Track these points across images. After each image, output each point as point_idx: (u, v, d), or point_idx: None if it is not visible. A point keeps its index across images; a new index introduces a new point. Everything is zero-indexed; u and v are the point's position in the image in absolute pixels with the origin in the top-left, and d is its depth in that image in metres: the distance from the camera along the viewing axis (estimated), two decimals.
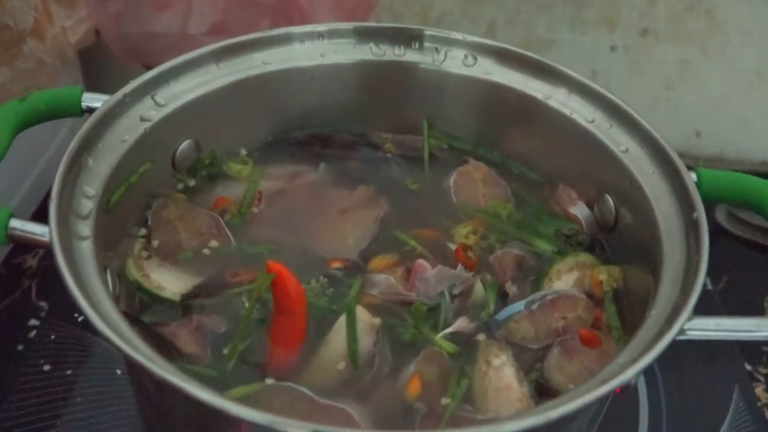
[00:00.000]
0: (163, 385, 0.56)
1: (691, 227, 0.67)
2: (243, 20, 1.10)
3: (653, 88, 1.20)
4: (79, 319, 0.89)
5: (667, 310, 0.62)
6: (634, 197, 0.74)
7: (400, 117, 0.87)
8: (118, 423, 0.81)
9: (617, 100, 0.77)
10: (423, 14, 1.21)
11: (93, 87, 1.06)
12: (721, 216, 1.12)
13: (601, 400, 0.63)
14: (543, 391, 0.67)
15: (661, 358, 0.74)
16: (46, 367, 0.85)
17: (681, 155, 0.72)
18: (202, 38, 1.08)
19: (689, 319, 0.61)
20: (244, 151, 0.84)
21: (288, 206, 0.80)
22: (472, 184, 0.83)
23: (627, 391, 0.62)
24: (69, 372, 0.85)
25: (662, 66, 1.21)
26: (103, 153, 0.70)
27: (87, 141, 0.69)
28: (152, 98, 0.75)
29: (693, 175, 0.72)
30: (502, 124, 0.84)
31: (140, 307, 0.70)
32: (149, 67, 1.13)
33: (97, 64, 1.15)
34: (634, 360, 0.57)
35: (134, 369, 0.67)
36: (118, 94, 0.73)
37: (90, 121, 0.70)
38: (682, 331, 0.61)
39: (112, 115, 0.72)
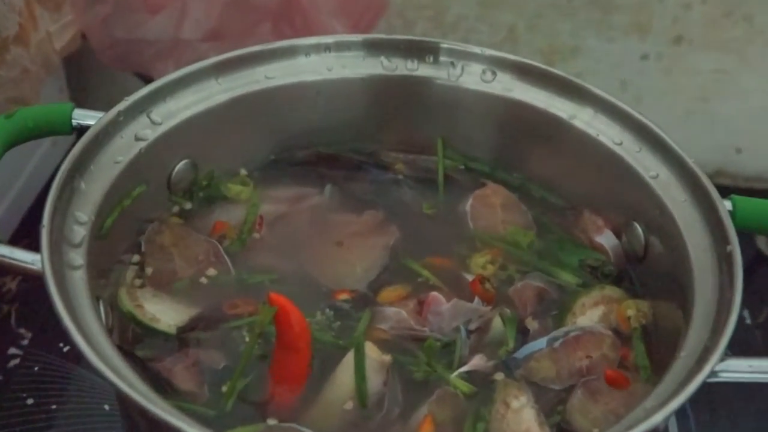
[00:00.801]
0: (159, 426, 0.59)
1: (724, 261, 0.70)
2: (241, 25, 1.13)
3: (688, 100, 1.23)
4: (65, 350, 0.93)
5: (698, 351, 0.64)
6: (664, 226, 0.76)
7: (413, 136, 0.90)
8: None
9: (647, 122, 0.80)
10: (437, 19, 1.24)
11: (78, 97, 1.10)
12: (762, 243, 1.15)
13: None
14: None
15: (695, 399, 0.77)
16: (29, 401, 0.88)
17: (719, 174, 0.75)
18: (197, 44, 1.12)
19: (721, 360, 0.63)
20: (244, 172, 0.87)
21: (291, 232, 0.83)
22: (491, 209, 0.86)
23: None
24: (54, 406, 0.89)
25: (697, 76, 1.24)
26: (96, 175, 0.73)
27: (79, 162, 0.72)
28: (148, 116, 0.78)
29: (728, 204, 0.75)
30: (523, 144, 0.87)
31: (133, 339, 0.73)
32: (139, 75, 1.17)
33: (84, 73, 1.19)
34: (662, 404, 0.60)
35: (127, 407, 0.70)
36: (112, 112, 0.76)
37: (82, 141, 0.73)
38: (713, 374, 0.63)
39: (105, 135, 0.75)
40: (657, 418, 0.59)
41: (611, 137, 0.81)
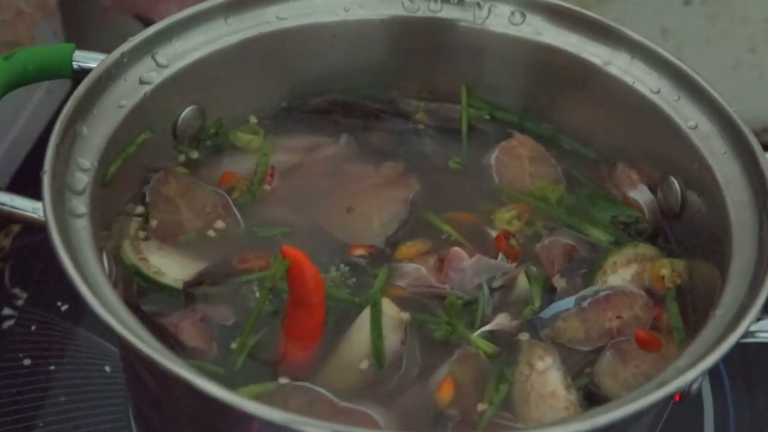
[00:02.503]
0: (168, 381, 0.62)
1: (765, 217, 0.72)
2: None
3: (735, 49, 1.23)
4: (63, 309, 0.96)
5: (734, 310, 0.67)
6: (703, 181, 0.79)
7: (435, 83, 0.92)
8: (106, 424, 0.88)
9: (687, 69, 0.82)
10: None
11: (74, 41, 1.12)
12: None
13: (657, 408, 0.68)
14: (593, 399, 0.72)
15: (731, 363, 0.79)
16: (26, 362, 0.92)
17: (766, 131, 0.76)
18: None
19: (757, 319, 0.66)
20: (254, 119, 0.89)
21: (304, 184, 0.86)
22: (517, 161, 0.88)
23: (687, 398, 0.68)
24: (52, 367, 0.92)
25: (745, 23, 1.23)
26: (99, 120, 0.76)
27: (81, 106, 0.74)
28: (153, 58, 0.80)
29: None
30: (553, 92, 0.89)
31: (138, 294, 0.76)
32: (139, 18, 1.19)
33: (80, 15, 1.21)
34: (694, 363, 0.63)
35: (133, 364, 0.73)
36: (116, 53, 0.78)
37: (85, 83, 0.75)
38: (748, 333, 0.66)
39: (108, 77, 0.77)
40: (689, 377, 0.61)
41: (648, 85, 0.83)
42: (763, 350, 0.69)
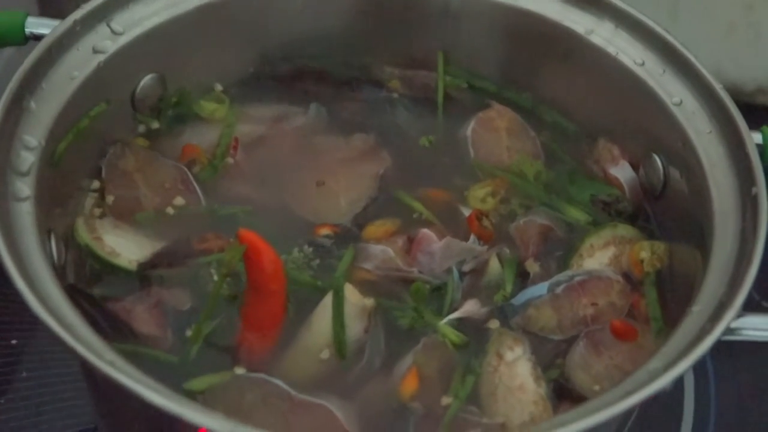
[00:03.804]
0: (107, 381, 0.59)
1: (749, 205, 0.68)
2: None
3: (730, 9, 1.19)
4: None
5: (712, 306, 0.64)
6: (686, 160, 0.75)
7: (410, 49, 0.88)
8: (69, 403, 0.85)
9: (673, 41, 0.78)
10: None
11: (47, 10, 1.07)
12: None
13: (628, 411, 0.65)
14: (563, 393, 0.69)
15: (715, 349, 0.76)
16: None
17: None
18: None
19: (737, 316, 0.63)
20: (219, 87, 0.85)
21: (269, 157, 0.82)
22: (495, 134, 0.84)
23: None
24: (14, 342, 0.89)
25: None
26: (48, 94, 0.72)
27: (29, 80, 0.70)
28: (108, 25, 0.76)
29: (757, 137, 0.73)
30: (534, 61, 0.85)
31: (91, 276, 0.73)
32: None
33: None
34: (668, 366, 0.60)
35: None
36: (67, 21, 0.74)
37: (32, 56, 0.71)
38: (730, 331, 0.63)
39: (59, 47, 0.73)
40: (660, 383, 0.58)
41: (632, 57, 0.80)
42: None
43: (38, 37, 0.76)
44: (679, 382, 0.87)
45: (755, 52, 1.20)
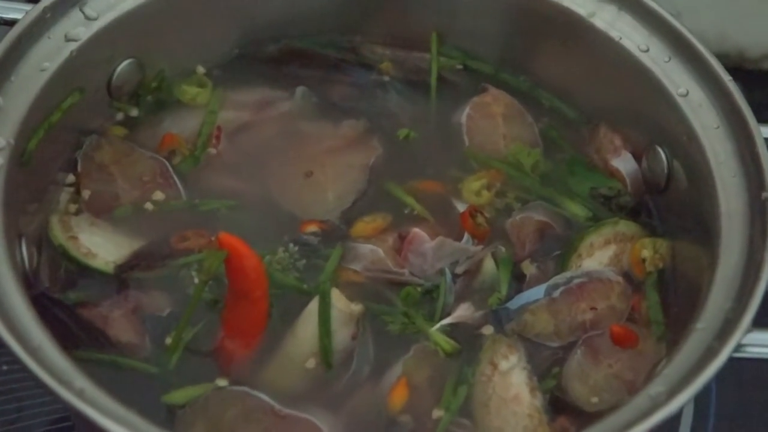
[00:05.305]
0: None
1: (758, 211, 0.65)
2: None
3: None
4: None
5: (718, 324, 0.60)
6: (691, 155, 0.71)
7: (403, 28, 0.84)
8: (49, 396, 0.82)
9: (680, 27, 0.74)
10: None
11: None
12: None
13: None
14: (559, 406, 0.66)
15: None
16: None
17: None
18: None
19: (747, 332, 0.59)
20: (201, 70, 0.82)
21: (254, 146, 0.78)
22: (491, 120, 0.80)
23: None
24: None
25: None
26: (17, 88, 0.68)
27: None
28: (81, 10, 0.72)
29: (766, 131, 0.69)
30: (533, 43, 0.81)
31: (66, 280, 0.69)
32: None
33: None
34: (672, 392, 0.57)
35: None
36: (36, 9, 0.70)
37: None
38: (738, 348, 0.59)
39: (28, 38, 0.69)
40: (664, 413, 0.55)
41: (636, 42, 0.76)
42: None
43: (8, 23, 0.72)
44: None
45: (761, 17, 1.16)
